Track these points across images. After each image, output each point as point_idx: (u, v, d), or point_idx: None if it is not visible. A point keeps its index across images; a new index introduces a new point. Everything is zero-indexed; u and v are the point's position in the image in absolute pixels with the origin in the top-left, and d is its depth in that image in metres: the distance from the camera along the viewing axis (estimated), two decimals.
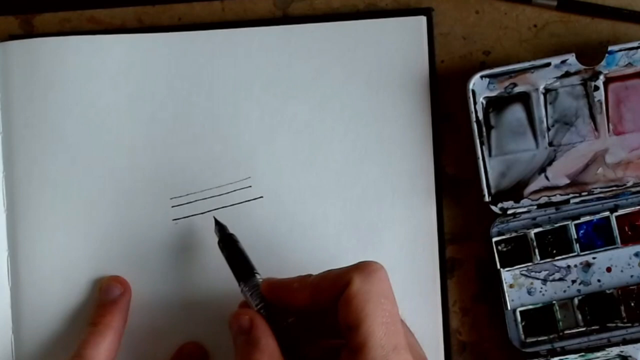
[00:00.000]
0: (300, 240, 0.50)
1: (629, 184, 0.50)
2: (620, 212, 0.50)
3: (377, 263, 0.41)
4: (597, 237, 0.50)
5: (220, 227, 0.48)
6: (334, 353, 0.41)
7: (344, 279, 0.40)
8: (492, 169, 0.50)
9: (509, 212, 0.50)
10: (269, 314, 0.43)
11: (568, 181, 0.50)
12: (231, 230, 0.48)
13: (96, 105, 0.51)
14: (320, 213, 0.50)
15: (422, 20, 0.51)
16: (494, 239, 0.50)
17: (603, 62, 0.49)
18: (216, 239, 0.48)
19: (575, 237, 0.50)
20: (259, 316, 0.43)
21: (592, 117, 0.50)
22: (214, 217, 0.48)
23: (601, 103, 0.50)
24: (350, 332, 0.39)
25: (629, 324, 0.49)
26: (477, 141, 0.50)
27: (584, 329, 0.49)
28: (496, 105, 0.50)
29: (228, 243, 0.47)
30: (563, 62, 0.49)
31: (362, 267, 0.41)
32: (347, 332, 0.40)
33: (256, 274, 0.45)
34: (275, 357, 0.41)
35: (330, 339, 0.43)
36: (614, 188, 0.50)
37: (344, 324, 0.40)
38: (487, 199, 0.50)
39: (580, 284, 0.50)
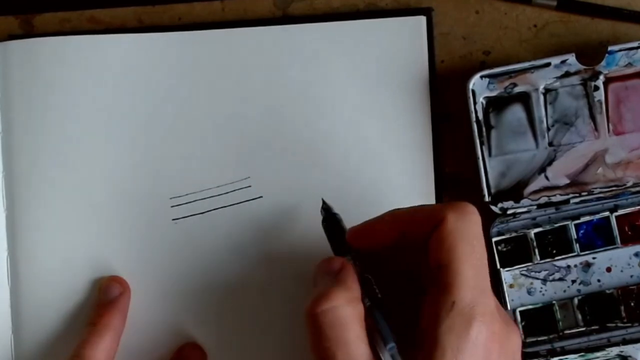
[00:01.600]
0: (300, 240, 0.50)
1: (629, 184, 0.50)
2: (620, 212, 0.50)
3: (472, 205, 0.41)
4: (597, 237, 0.50)
5: (326, 207, 0.48)
6: (413, 297, 0.41)
7: (438, 216, 0.40)
8: (492, 169, 0.50)
9: (509, 212, 0.50)
10: (364, 285, 0.42)
11: (568, 181, 0.50)
12: (230, 230, 0.48)
13: (96, 105, 0.51)
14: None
15: (422, 20, 0.51)
16: (494, 239, 0.50)
17: (603, 62, 0.49)
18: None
19: (575, 237, 0.50)
20: (350, 264, 0.43)
21: (592, 117, 0.50)
22: (322, 199, 0.48)
23: (601, 103, 0.50)
24: (440, 271, 0.39)
25: (629, 324, 0.49)
26: (477, 141, 0.50)
27: (583, 329, 0.49)
28: (496, 105, 0.50)
29: (331, 221, 0.47)
30: (563, 62, 0.49)
31: (458, 207, 0.40)
32: (436, 270, 0.39)
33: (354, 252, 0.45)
34: (357, 299, 0.41)
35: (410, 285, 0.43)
36: (614, 188, 0.50)
37: (435, 262, 0.40)
38: (487, 199, 0.50)
39: (580, 284, 0.50)
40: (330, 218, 0.47)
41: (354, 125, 0.51)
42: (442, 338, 0.38)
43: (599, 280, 0.50)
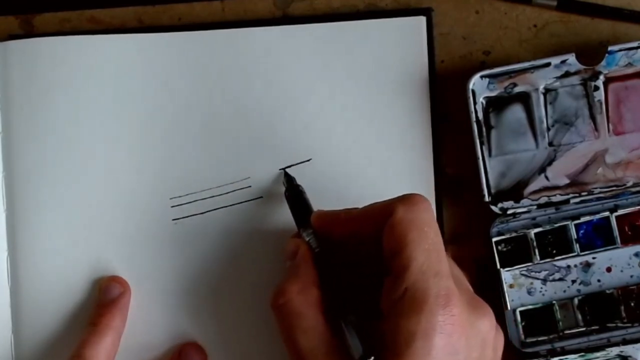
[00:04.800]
0: None
1: (628, 184, 0.50)
2: (620, 212, 0.50)
3: (421, 195, 0.42)
4: (597, 237, 0.50)
5: (288, 178, 0.49)
6: (377, 283, 0.42)
7: (388, 209, 0.41)
8: (492, 169, 0.50)
9: (509, 212, 0.50)
10: (323, 254, 0.44)
11: (568, 181, 0.50)
12: (230, 230, 0.48)
13: (96, 105, 0.51)
14: None
15: (422, 20, 0.51)
16: (494, 239, 0.50)
17: (603, 62, 0.49)
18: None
19: (575, 237, 0.50)
20: (305, 245, 0.45)
21: (592, 117, 0.50)
22: (284, 170, 0.50)
23: (601, 103, 0.50)
24: (393, 259, 0.40)
25: (629, 324, 0.49)
26: (477, 141, 0.50)
27: (583, 329, 0.49)
28: (496, 105, 0.50)
29: (294, 192, 0.48)
30: (563, 62, 0.49)
31: (406, 198, 0.42)
32: (390, 259, 0.41)
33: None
34: (309, 284, 0.43)
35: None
36: (614, 188, 0.50)
37: (388, 251, 0.41)
38: (487, 199, 0.50)
39: (580, 284, 0.50)
40: (292, 190, 0.48)
41: (354, 126, 0.51)
42: (396, 323, 0.39)
43: (599, 280, 0.50)
